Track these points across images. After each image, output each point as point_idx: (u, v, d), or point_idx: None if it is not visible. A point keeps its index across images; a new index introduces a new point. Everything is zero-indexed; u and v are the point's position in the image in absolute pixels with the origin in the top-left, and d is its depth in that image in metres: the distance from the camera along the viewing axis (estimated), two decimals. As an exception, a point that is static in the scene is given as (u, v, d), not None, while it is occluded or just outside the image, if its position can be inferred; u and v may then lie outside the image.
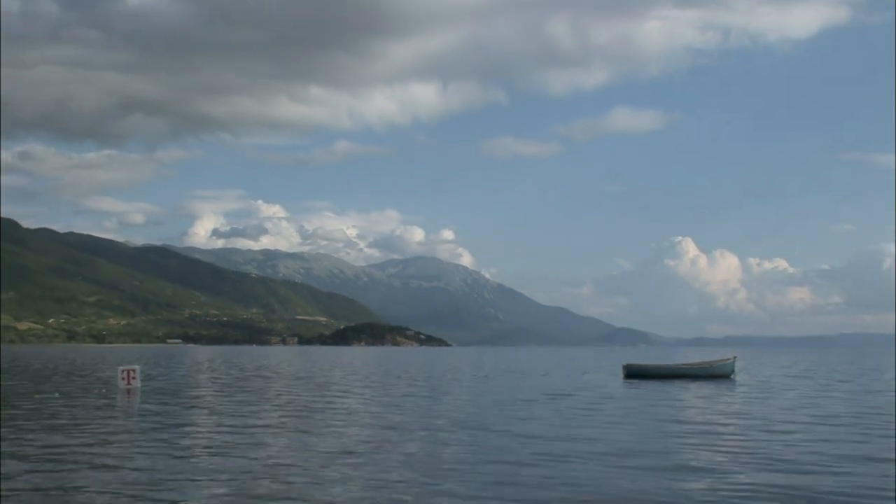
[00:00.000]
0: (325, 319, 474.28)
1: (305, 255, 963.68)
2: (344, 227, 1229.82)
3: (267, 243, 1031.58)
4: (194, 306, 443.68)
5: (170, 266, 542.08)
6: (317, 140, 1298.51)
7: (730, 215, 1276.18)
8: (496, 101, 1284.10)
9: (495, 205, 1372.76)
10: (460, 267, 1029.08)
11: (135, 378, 29.07)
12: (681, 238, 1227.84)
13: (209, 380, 36.84)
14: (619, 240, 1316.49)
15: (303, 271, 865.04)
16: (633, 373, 39.99)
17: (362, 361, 73.71)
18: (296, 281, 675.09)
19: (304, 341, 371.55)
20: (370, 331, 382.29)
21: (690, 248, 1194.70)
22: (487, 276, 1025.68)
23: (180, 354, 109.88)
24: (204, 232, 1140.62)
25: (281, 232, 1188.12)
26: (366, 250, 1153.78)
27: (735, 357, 42.39)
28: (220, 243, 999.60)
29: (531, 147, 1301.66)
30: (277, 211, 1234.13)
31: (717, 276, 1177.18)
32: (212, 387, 31.18)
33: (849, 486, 10.28)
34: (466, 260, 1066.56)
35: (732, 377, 38.86)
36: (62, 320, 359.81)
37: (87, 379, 36.24)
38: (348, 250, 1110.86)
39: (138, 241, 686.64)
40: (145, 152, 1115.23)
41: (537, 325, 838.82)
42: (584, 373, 46.31)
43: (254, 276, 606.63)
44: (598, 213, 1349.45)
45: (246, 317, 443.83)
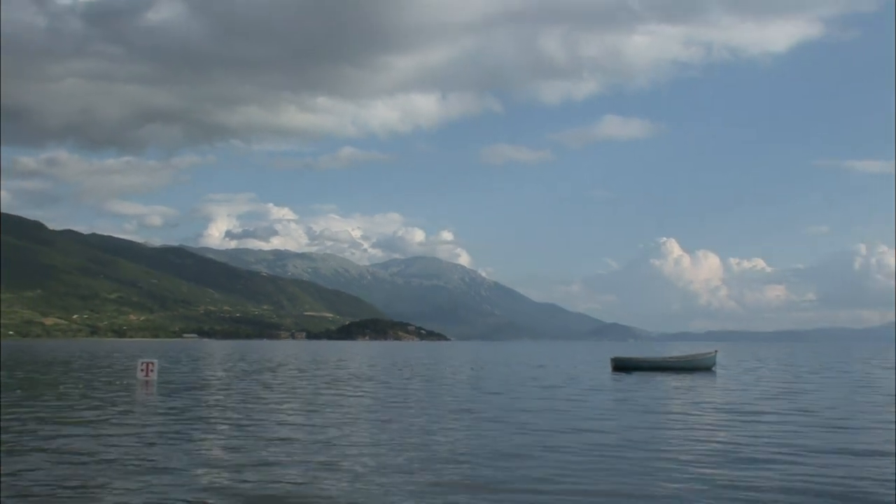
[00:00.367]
0: (331, 315, 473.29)
1: (313, 255, 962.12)
2: (349, 228, 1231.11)
3: (277, 244, 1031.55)
4: (209, 303, 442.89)
5: (186, 265, 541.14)
6: (323, 147, 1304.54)
7: (711, 218, 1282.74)
8: (492, 110, 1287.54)
9: (491, 208, 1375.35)
10: (458, 266, 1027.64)
11: (153, 370, 29.00)
12: (665, 239, 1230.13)
13: (228, 374, 36.77)
14: (607, 241, 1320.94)
15: (310, 270, 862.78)
16: (621, 365, 39.96)
17: (367, 355, 73.60)
18: (303, 279, 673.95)
19: (311, 336, 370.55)
20: (374, 326, 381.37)
21: (674, 248, 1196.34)
22: (484, 274, 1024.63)
23: (198, 348, 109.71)
24: (218, 233, 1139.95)
25: (290, 233, 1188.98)
26: (369, 250, 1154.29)
27: (716, 351, 42.34)
28: (232, 244, 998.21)
29: (525, 154, 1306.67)
30: (286, 213, 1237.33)
31: (700, 274, 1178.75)
32: (236, 379, 31.14)
33: (819, 474, 10.26)
34: (464, 259, 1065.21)
35: (714, 369, 38.84)
36: (86, 316, 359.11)
37: (108, 371, 36.17)
38: (353, 250, 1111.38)
39: (156, 241, 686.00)
40: (163, 159, 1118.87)
41: (531, 321, 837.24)
42: (574, 366, 46.29)
43: (264, 274, 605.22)
44: (588, 215, 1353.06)
45: (257, 313, 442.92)
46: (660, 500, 8.72)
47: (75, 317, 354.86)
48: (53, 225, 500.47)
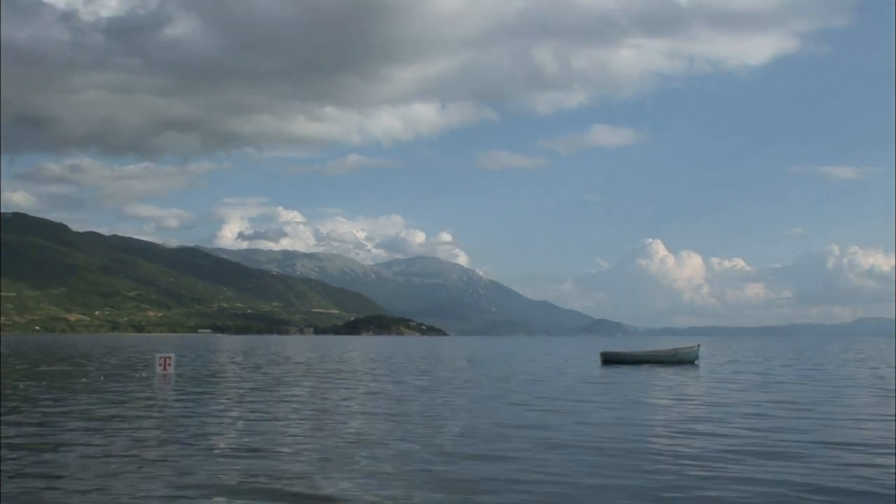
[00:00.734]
0: (338, 312, 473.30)
1: (320, 255, 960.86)
2: (354, 230, 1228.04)
3: (286, 245, 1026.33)
4: (222, 300, 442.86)
5: (201, 265, 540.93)
6: (330, 154, 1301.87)
7: (695, 220, 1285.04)
8: (489, 119, 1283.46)
9: (488, 211, 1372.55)
10: (457, 266, 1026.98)
11: (170, 364, 28.98)
12: (651, 240, 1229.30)
13: (242, 367, 36.71)
14: (597, 242, 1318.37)
15: (318, 269, 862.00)
16: (610, 359, 39.98)
17: (372, 350, 73.53)
18: (311, 278, 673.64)
19: (318, 331, 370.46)
20: (377, 322, 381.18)
21: (660, 249, 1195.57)
22: (481, 273, 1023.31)
23: (212, 343, 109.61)
24: (231, 235, 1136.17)
25: (298, 235, 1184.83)
26: (373, 251, 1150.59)
27: (699, 345, 42.30)
28: (244, 245, 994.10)
29: (520, 160, 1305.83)
30: (295, 216, 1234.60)
31: (684, 273, 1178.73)
32: (249, 372, 31.08)
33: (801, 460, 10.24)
34: (463, 259, 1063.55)
35: (696, 363, 38.82)
36: (107, 312, 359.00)
37: (128, 364, 36.11)
38: (358, 251, 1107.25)
39: (173, 242, 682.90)
40: (179, 165, 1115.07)
41: (526, 318, 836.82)
42: (566, 359, 46.26)
43: (274, 273, 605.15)
44: (580, 218, 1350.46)
45: (267, 309, 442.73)
46: (645, 490, 8.69)
47: (97, 313, 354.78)
48: (77, 227, 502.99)
